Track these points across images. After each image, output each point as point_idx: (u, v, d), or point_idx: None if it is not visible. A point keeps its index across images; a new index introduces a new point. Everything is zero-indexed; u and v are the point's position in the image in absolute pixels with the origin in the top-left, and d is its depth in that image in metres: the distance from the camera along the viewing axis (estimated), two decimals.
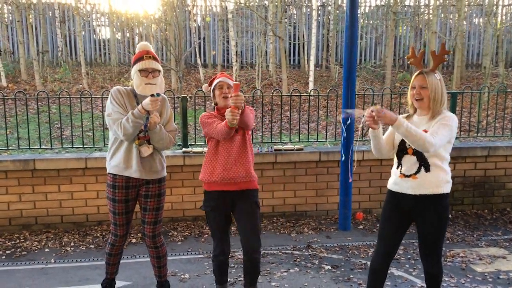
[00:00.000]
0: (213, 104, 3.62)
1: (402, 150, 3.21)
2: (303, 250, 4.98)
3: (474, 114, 8.99)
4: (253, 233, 3.49)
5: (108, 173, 3.61)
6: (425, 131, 3.07)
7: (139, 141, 3.50)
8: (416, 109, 3.23)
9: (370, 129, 3.11)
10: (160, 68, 3.54)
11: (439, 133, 2.99)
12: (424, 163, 3.12)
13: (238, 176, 3.43)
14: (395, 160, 3.31)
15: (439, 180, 3.12)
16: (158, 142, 3.54)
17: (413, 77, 3.19)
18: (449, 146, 3.15)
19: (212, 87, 3.54)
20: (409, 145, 3.13)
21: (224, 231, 3.58)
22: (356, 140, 3.17)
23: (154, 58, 3.51)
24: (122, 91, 3.53)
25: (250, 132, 3.59)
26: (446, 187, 3.16)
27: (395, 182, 3.28)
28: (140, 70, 3.44)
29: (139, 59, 3.46)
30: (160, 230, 3.74)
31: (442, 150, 3.10)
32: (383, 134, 3.31)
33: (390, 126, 3.21)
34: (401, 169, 3.22)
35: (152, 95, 3.31)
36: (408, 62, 3.45)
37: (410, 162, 3.16)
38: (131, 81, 3.59)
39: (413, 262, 4.66)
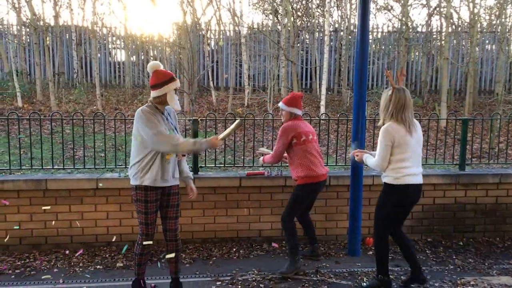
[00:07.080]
0: (283, 119, 5.26)
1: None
2: (312, 275, 4.93)
3: (486, 141, 8.94)
4: None
5: (138, 185, 3.92)
6: None
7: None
8: None
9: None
10: None
11: (377, 152, 4.18)
12: None
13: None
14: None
15: None
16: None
17: None
18: (396, 149, 4.10)
19: (296, 113, 5.18)
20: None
21: None
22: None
23: None
24: (151, 112, 3.88)
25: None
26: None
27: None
28: (175, 89, 3.94)
29: (172, 79, 3.93)
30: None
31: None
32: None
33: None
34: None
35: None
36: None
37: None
38: (150, 98, 3.97)
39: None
